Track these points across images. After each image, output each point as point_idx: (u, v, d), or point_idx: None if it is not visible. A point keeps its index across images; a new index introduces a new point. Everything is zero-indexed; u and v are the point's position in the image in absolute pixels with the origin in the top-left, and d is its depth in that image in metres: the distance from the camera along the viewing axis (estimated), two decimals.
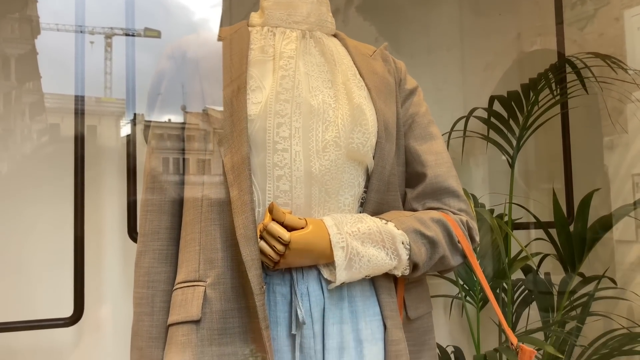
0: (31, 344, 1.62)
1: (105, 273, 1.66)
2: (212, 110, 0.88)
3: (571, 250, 1.70)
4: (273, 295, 0.85)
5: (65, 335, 1.65)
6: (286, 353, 0.84)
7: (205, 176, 0.90)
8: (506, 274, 1.70)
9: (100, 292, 1.65)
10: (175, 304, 0.89)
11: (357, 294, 0.89)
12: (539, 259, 1.89)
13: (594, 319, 1.84)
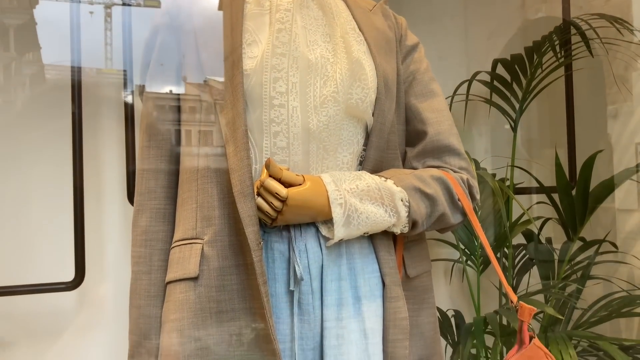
0: (34, 308, 1.63)
1: (105, 238, 1.66)
2: (207, 62, 0.87)
3: (573, 214, 1.70)
4: (271, 252, 0.85)
5: (67, 299, 1.66)
6: (284, 309, 0.84)
7: (201, 134, 0.89)
8: (507, 239, 1.69)
9: (102, 257, 1.66)
10: (172, 262, 0.89)
11: (356, 252, 0.88)
12: (540, 223, 1.88)
13: (594, 282, 1.84)
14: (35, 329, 1.63)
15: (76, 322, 1.66)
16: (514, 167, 1.80)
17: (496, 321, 1.45)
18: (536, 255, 1.84)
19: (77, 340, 1.66)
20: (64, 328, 1.65)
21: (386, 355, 0.86)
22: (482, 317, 1.52)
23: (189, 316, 0.83)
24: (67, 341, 1.65)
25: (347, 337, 0.84)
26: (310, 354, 0.85)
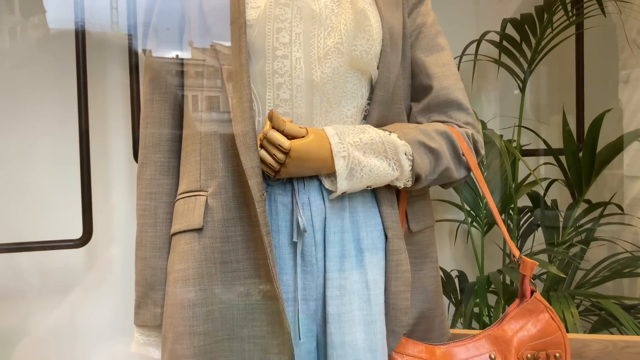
0: (43, 265, 1.66)
1: (112, 195, 1.68)
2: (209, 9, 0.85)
3: (579, 176, 1.68)
4: (274, 205, 0.85)
5: (75, 256, 1.69)
6: (288, 260, 0.85)
7: (204, 86, 0.88)
8: (512, 199, 1.69)
9: (109, 214, 1.67)
10: (177, 214, 0.90)
11: (359, 205, 0.88)
12: (546, 184, 1.87)
13: (599, 244, 1.84)
14: (45, 286, 1.66)
15: (85, 279, 1.69)
16: (521, 127, 1.79)
17: (499, 280, 1.46)
18: (541, 217, 1.84)
19: (87, 296, 1.69)
20: (73, 284, 1.68)
21: (388, 307, 0.88)
22: (485, 276, 1.53)
23: (193, 266, 0.84)
24: (77, 297, 1.69)
25: (349, 288, 0.85)
26: (313, 304, 0.87)
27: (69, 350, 1.67)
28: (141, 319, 0.92)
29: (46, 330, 1.65)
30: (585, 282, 1.64)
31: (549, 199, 1.88)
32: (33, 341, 1.64)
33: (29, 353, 1.63)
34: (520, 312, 0.93)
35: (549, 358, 0.92)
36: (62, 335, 1.66)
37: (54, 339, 1.65)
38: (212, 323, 0.83)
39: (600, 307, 1.61)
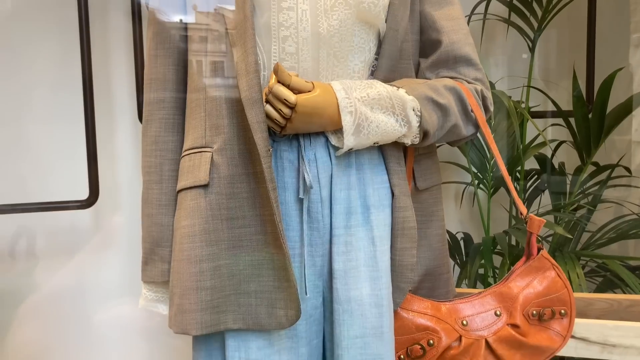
0: (50, 226, 1.67)
1: (118, 155, 1.67)
2: None
3: (588, 137, 1.66)
4: (280, 161, 0.85)
5: (83, 217, 1.70)
6: (294, 217, 0.85)
7: (208, 40, 0.86)
8: (520, 161, 1.68)
9: (115, 175, 1.68)
10: (183, 170, 0.89)
11: (365, 162, 0.88)
12: (553, 147, 1.86)
13: (606, 207, 1.84)
14: (52, 246, 1.68)
15: (92, 239, 1.70)
16: (530, 87, 1.76)
17: (505, 241, 1.46)
18: (548, 180, 1.83)
19: (94, 256, 1.71)
20: (80, 245, 1.69)
21: (394, 263, 0.88)
22: (491, 237, 1.53)
23: (200, 222, 0.84)
24: (84, 257, 1.70)
25: (355, 244, 0.85)
26: (319, 260, 0.87)
27: (76, 310, 1.69)
28: (148, 275, 0.93)
29: (53, 291, 1.67)
30: (591, 243, 1.63)
31: (556, 161, 1.87)
32: (40, 301, 1.66)
33: (36, 313, 1.66)
34: (526, 270, 0.93)
35: (555, 315, 0.92)
36: (69, 295, 1.68)
37: (61, 299, 1.68)
38: (219, 278, 0.83)
39: (606, 268, 1.61)
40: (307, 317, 0.87)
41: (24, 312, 1.65)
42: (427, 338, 0.89)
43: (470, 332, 0.90)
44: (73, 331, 1.69)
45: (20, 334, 1.65)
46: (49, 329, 1.67)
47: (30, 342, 1.66)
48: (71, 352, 1.69)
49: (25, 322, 1.65)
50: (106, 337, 1.72)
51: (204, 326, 0.83)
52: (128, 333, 1.74)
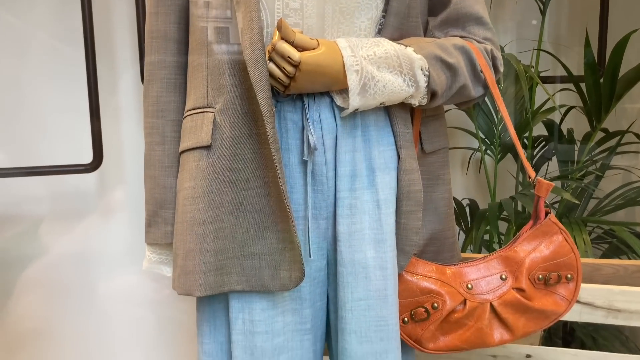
0: (56, 190, 1.67)
1: (121, 118, 1.66)
2: None
3: (598, 102, 1.63)
4: (284, 122, 0.83)
5: (88, 181, 1.69)
6: (298, 179, 0.84)
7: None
8: (528, 126, 1.65)
9: (119, 138, 1.66)
10: (185, 131, 0.88)
11: (371, 123, 0.86)
12: (562, 114, 1.83)
13: (614, 173, 1.82)
14: (59, 211, 1.68)
15: (98, 204, 1.70)
16: (541, 51, 1.72)
17: (512, 206, 1.45)
18: (556, 146, 1.80)
19: (100, 221, 1.71)
20: (86, 210, 1.70)
21: (399, 227, 0.87)
22: (497, 203, 1.52)
23: (203, 184, 0.83)
24: (90, 222, 1.71)
25: (360, 207, 0.84)
26: (323, 223, 0.86)
27: (81, 274, 1.70)
28: (152, 237, 0.92)
29: (58, 256, 1.68)
30: (598, 210, 1.62)
31: (564, 128, 1.84)
32: (44, 266, 1.67)
33: (41, 278, 1.67)
34: (533, 234, 0.92)
35: (561, 279, 0.91)
36: (74, 260, 1.69)
37: (66, 265, 1.69)
38: (222, 240, 0.83)
39: (612, 235, 1.60)
40: (311, 279, 0.87)
41: (28, 277, 1.66)
42: (432, 301, 0.88)
43: (475, 296, 0.90)
44: (77, 297, 1.70)
45: (24, 298, 1.66)
46: (53, 295, 1.68)
47: (33, 307, 1.68)
48: (74, 319, 1.70)
49: (29, 287, 1.67)
50: (110, 304, 1.73)
51: (208, 288, 0.83)
52: (132, 300, 1.75)
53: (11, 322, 1.66)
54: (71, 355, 1.71)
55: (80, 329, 1.71)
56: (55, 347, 1.69)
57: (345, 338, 0.86)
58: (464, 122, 1.94)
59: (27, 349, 1.68)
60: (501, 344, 0.91)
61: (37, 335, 1.68)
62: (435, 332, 0.90)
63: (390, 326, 0.85)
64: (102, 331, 1.73)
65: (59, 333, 1.69)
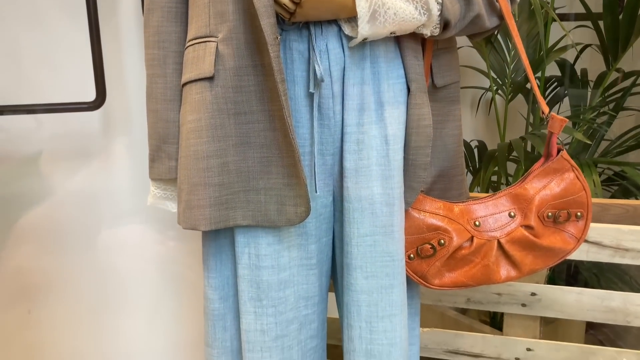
0: (59, 128, 1.65)
1: (124, 54, 1.62)
2: None
3: (616, 39, 1.57)
4: (290, 52, 0.80)
5: (91, 119, 1.68)
6: (304, 113, 0.81)
7: None
8: (542, 64, 1.60)
9: (122, 77, 1.63)
10: (187, 62, 0.85)
11: (381, 54, 0.82)
12: (575, 54, 1.77)
13: (628, 114, 1.78)
14: (64, 150, 1.67)
15: (104, 142, 1.69)
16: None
17: (521, 147, 1.42)
18: (569, 85, 1.76)
19: (105, 161, 1.70)
20: (91, 150, 1.68)
21: (407, 162, 0.85)
22: (506, 143, 1.49)
23: (206, 117, 0.81)
24: (95, 162, 1.70)
25: (367, 143, 0.82)
26: (330, 158, 0.84)
27: (84, 220, 1.71)
28: (156, 172, 0.91)
29: (61, 198, 1.68)
30: (609, 151, 1.59)
31: (578, 68, 1.79)
32: (47, 209, 1.68)
33: (44, 218, 1.68)
34: (544, 171, 0.90)
35: (570, 217, 0.90)
36: (77, 202, 1.69)
37: (69, 207, 1.69)
38: (227, 175, 0.81)
39: (622, 177, 1.58)
40: (316, 215, 0.86)
41: (28, 222, 1.67)
42: (438, 238, 0.88)
43: (483, 233, 0.89)
44: (78, 249, 1.71)
45: (22, 249, 1.67)
46: (54, 246, 1.69)
47: (32, 259, 1.69)
48: (75, 271, 1.72)
49: (29, 235, 1.67)
50: (114, 257, 1.74)
51: (213, 222, 0.82)
52: (136, 253, 1.76)
53: (12, 261, 1.68)
54: (72, 310, 1.73)
55: (82, 283, 1.73)
56: (55, 302, 1.71)
57: (351, 273, 0.86)
58: (475, 60, 1.89)
59: (25, 304, 1.70)
60: (507, 281, 0.91)
61: (35, 289, 1.70)
62: (441, 269, 0.89)
63: (396, 262, 0.85)
64: (105, 286, 1.74)
65: (60, 287, 1.71)
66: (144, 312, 1.80)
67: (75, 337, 1.76)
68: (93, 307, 1.76)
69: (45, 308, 1.72)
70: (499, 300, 1.15)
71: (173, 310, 1.82)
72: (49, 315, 1.73)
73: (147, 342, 1.83)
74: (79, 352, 1.77)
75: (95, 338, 1.78)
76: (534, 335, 1.16)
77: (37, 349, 1.74)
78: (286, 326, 0.87)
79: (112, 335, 1.79)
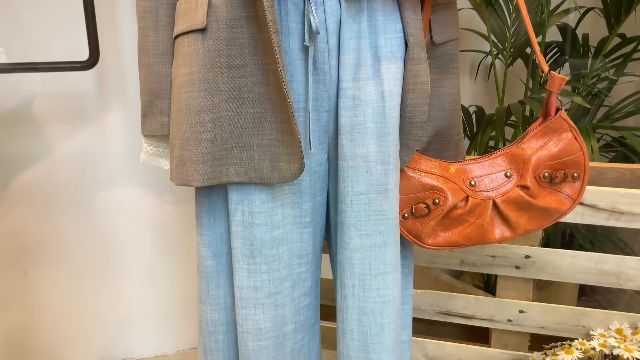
0: (52, 88, 1.63)
1: (117, 13, 1.59)
2: None
3: (619, 2, 1.54)
4: (284, 3, 0.77)
5: (85, 79, 1.65)
6: (299, 67, 0.79)
7: None
8: (543, 27, 1.57)
9: (116, 36, 1.60)
10: (179, 14, 0.82)
11: (378, 8, 0.80)
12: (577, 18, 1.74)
13: (628, 80, 1.76)
14: (59, 110, 1.65)
15: (100, 102, 1.67)
16: None
17: (520, 110, 1.41)
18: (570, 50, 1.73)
19: (102, 119, 1.69)
20: (88, 108, 1.67)
21: (403, 120, 0.84)
22: (504, 107, 1.48)
23: (198, 70, 0.79)
24: (92, 121, 1.68)
25: (363, 99, 0.80)
26: (325, 115, 0.83)
27: (79, 181, 1.70)
28: (148, 128, 0.90)
29: (55, 159, 1.67)
30: (608, 116, 1.58)
31: (579, 33, 1.76)
32: (47, 166, 1.66)
33: (44, 176, 1.67)
34: (542, 131, 0.89)
35: (567, 178, 0.89)
36: (76, 158, 1.68)
37: (65, 167, 1.68)
38: (220, 130, 0.80)
39: (621, 143, 1.57)
40: (311, 173, 0.85)
41: (24, 182, 1.66)
42: (433, 197, 0.87)
43: (478, 193, 0.88)
44: (74, 211, 1.70)
45: (20, 200, 1.67)
46: (50, 207, 1.68)
47: (28, 220, 1.68)
48: (71, 234, 1.72)
49: (24, 196, 1.67)
50: (110, 220, 1.74)
51: (205, 178, 0.81)
52: (132, 216, 1.76)
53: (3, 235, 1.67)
54: (67, 271, 1.74)
55: (77, 244, 1.72)
56: (51, 263, 1.72)
57: (345, 231, 0.86)
58: (475, 24, 1.86)
59: (20, 265, 1.70)
60: (501, 241, 0.90)
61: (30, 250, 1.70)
62: (435, 228, 0.89)
63: (389, 220, 0.85)
64: (100, 247, 1.74)
65: (55, 248, 1.71)
66: (140, 273, 1.81)
67: (71, 298, 1.77)
68: (88, 268, 1.76)
69: (41, 269, 1.73)
70: (492, 262, 1.15)
71: (168, 273, 1.82)
72: (45, 276, 1.74)
73: (142, 303, 1.84)
74: (75, 313, 1.78)
75: (91, 299, 1.79)
76: (527, 298, 1.17)
77: (33, 310, 1.75)
78: (279, 283, 0.87)
79: (107, 296, 1.80)
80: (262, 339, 0.87)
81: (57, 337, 1.79)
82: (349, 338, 0.90)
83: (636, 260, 1.07)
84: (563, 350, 1.04)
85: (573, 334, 1.14)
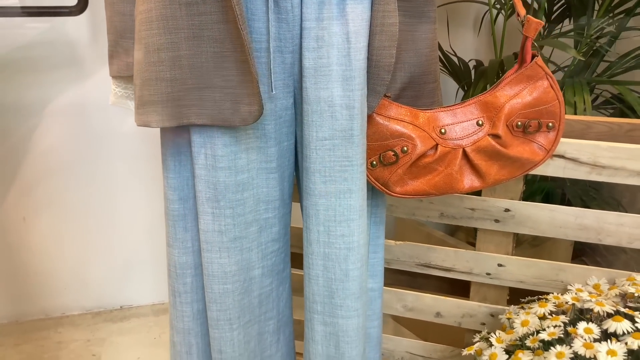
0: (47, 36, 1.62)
1: None
2: None
3: None
4: None
5: (74, 26, 1.64)
6: (260, 5, 0.77)
7: None
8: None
9: None
10: None
11: None
12: None
13: (634, 35, 1.69)
14: (52, 56, 1.64)
15: (91, 49, 1.66)
16: None
17: (513, 63, 1.36)
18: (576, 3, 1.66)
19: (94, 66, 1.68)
20: (80, 55, 1.66)
21: (370, 63, 0.81)
22: (499, 59, 1.43)
23: (157, 7, 0.76)
24: (86, 68, 1.67)
25: (327, 40, 0.78)
26: (289, 57, 0.81)
27: (79, 122, 1.70)
28: (115, 69, 0.88)
29: (55, 105, 1.67)
30: (607, 71, 1.53)
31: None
32: (42, 115, 1.67)
33: (39, 126, 1.68)
34: (517, 78, 0.86)
35: (541, 127, 0.87)
36: (71, 107, 1.68)
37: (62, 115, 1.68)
38: (180, 70, 0.78)
39: (619, 99, 1.52)
40: (276, 117, 0.84)
41: (24, 127, 1.67)
42: (401, 145, 0.85)
43: (448, 141, 0.86)
44: (71, 150, 1.72)
45: (22, 148, 1.68)
46: (47, 145, 1.70)
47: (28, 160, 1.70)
48: (68, 171, 1.73)
49: (23, 138, 1.68)
50: (106, 158, 1.75)
51: (166, 119, 0.80)
52: (135, 162, 1.77)
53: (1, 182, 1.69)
54: (64, 218, 1.76)
55: (73, 192, 1.74)
56: (48, 210, 1.74)
57: (310, 177, 0.85)
58: None
59: (19, 211, 1.73)
60: (470, 191, 0.89)
61: (28, 197, 1.72)
62: (403, 176, 0.88)
63: (354, 167, 0.83)
64: (98, 198, 1.76)
65: (52, 196, 1.73)
66: (139, 222, 1.84)
67: (70, 245, 1.80)
68: (87, 216, 1.79)
69: (40, 216, 1.75)
70: (472, 215, 1.13)
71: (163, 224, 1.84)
72: (44, 224, 1.77)
73: (141, 252, 1.87)
74: (74, 260, 1.82)
75: (89, 246, 1.82)
76: (506, 252, 1.16)
77: (33, 256, 1.79)
78: (245, 228, 0.87)
79: (106, 244, 1.83)
80: (228, 282, 0.88)
81: (55, 284, 1.84)
82: (314, 283, 0.90)
83: (616, 215, 1.05)
84: (537, 303, 1.04)
85: (552, 288, 1.14)
